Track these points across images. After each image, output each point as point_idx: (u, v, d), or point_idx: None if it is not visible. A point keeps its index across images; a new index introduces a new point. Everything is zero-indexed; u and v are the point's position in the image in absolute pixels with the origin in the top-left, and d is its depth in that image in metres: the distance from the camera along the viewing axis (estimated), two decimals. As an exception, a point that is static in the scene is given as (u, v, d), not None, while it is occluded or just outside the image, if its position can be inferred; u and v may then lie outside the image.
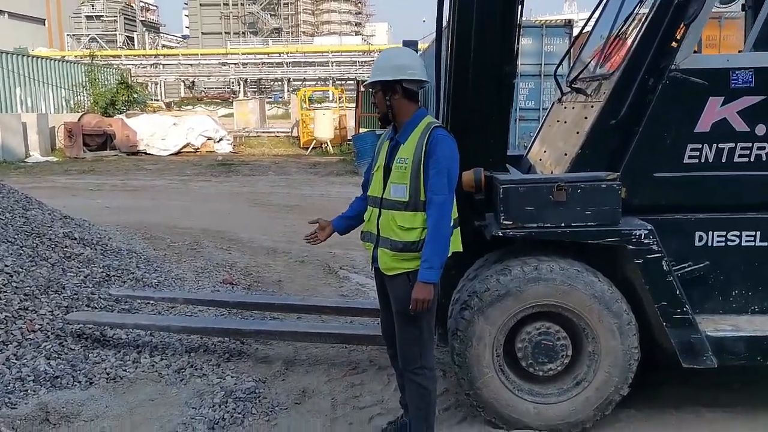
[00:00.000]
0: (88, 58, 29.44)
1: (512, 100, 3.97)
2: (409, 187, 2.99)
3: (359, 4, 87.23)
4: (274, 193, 13.39)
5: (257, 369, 4.34)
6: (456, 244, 3.13)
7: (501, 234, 3.38)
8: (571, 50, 5.71)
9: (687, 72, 3.44)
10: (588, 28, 4.83)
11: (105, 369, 4.07)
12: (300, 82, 56.66)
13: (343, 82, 51.53)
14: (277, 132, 26.88)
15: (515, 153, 5.19)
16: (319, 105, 28.56)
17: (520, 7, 3.74)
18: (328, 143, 21.70)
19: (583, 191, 3.33)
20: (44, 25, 61.47)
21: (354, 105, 22.38)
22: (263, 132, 27.12)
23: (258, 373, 4.26)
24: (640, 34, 3.58)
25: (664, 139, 3.52)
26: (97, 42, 61.33)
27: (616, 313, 3.38)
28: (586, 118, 3.88)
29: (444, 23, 4.10)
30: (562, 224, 3.36)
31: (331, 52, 58.22)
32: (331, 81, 53.89)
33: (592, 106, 3.87)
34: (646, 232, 3.33)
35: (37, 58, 24.78)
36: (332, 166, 18.28)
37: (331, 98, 40.84)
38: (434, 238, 2.93)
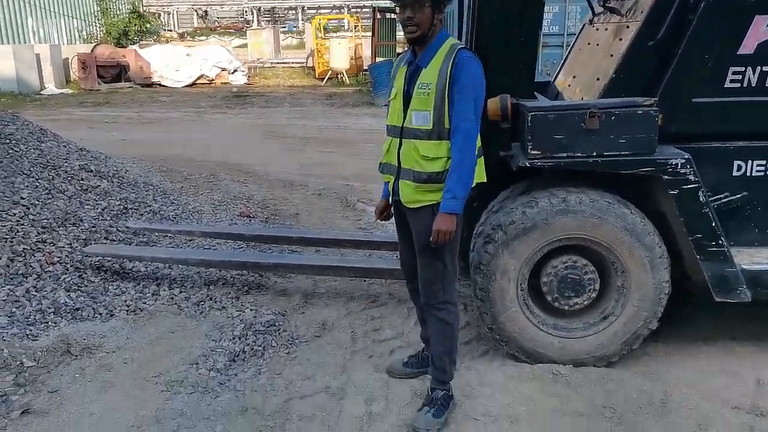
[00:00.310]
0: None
1: (541, 20, 3.73)
2: (433, 114, 2.81)
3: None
4: (290, 125, 13.19)
5: (276, 302, 4.30)
6: (480, 175, 2.98)
7: (528, 164, 3.23)
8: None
9: (732, -12, 3.18)
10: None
11: (125, 301, 4.06)
12: (314, 11, 55.25)
13: (359, 9, 50.16)
14: (292, 62, 26.36)
15: (540, 80, 4.95)
16: (334, 34, 27.87)
17: None
18: (344, 73, 21.25)
19: (617, 118, 3.14)
20: (53, -47, 59.98)
21: (370, 34, 21.75)
22: (278, 63, 26.61)
23: (277, 306, 4.23)
24: (682, -54, 3.30)
25: (705, 62, 3.29)
26: (108, -29, 59.85)
27: (647, 246, 3.25)
28: (621, 39, 3.65)
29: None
30: (594, 153, 3.19)
31: (347, -22, 56.37)
32: (346, 8, 52.45)
33: (627, 27, 3.63)
34: (683, 161, 3.16)
35: (47, -14, 24.23)
36: (348, 96, 17.95)
37: (346, 27, 39.86)
38: (459, 168, 2.77)
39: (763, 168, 3.41)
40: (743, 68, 3.28)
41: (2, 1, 20.49)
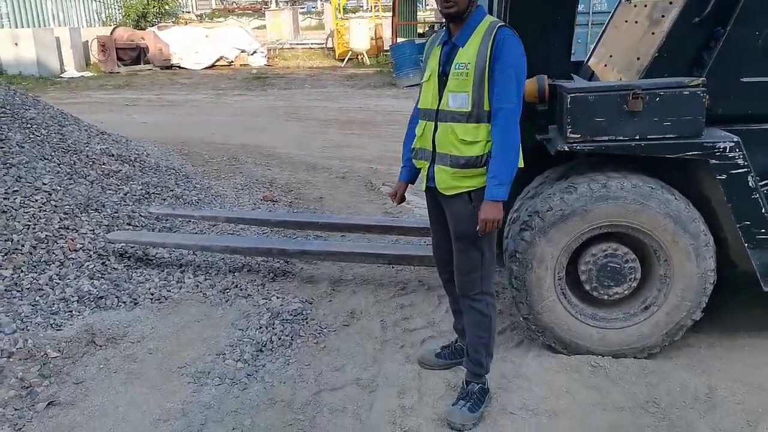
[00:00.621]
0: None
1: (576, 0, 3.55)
2: (472, 96, 2.66)
3: None
4: (311, 106, 13.06)
5: (303, 289, 4.21)
6: (519, 160, 2.85)
7: (567, 149, 3.07)
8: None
9: (787, -40, 2.98)
10: None
11: (149, 289, 3.98)
12: (333, -9, 54.83)
13: (378, -11, 49.57)
14: (311, 44, 26.12)
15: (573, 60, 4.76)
16: (353, 14, 27.57)
17: None
18: (364, 54, 21.00)
19: (662, 99, 2.98)
20: (71, -65, 60.00)
21: (390, 14, 21.44)
22: (297, 44, 26.39)
23: (304, 293, 4.14)
24: None
25: (755, 39, 3.11)
26: (126, -48, 59.79)
27: (692, 234, 3.10)
28: (663, 17, 3.46)
29: None
30: (637, 137, 3.03)
31: (365, -43, 55.79)
32: (365, -11, 51.89)
33: (670, 2, 3.44)
34: (732, 144, 2.99)
35: (66, -31, 24.18)
36: (369, 78, 17.74)
37: (365, 6, 39.44)
38: (503, 152, 2.63)
39: (815, 151, 3.22)
40: (796, 45, 3.09)
41: (22, -16, 20.51)
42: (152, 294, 3.94)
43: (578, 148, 3.08)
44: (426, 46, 2.95)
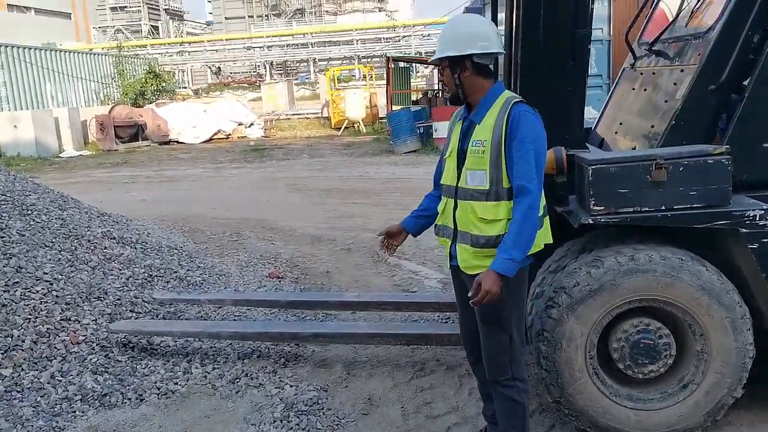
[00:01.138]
0: (115, 49, 29.39)
1: (587, 68, 3.52)
2: (490, 173, 2.59)
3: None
4: (311, 176, 13.07)
5: (317, 375, 4.02)
6: (547, 236, 2.75)
7: (592, 221, 2.97)
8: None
9: (802, 24, 2.95)
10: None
11: (155, 383, 3.78)
12: (326, 62, 56.24)
13: (369, 59, 50.88)
14: (307, 113, 26.58)
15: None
16: (346, 84, 28.12)
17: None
18: (360, 122, 21.29)
19: (686, 168, 2.89)
20: (70, 19, 61.89)
21: (384, 82, 21.84)
22: (293, 114, 26.84)
23: (318, 379, 3.94)
24: (742, -16, 3.09)
25: (775, 104, 3.05)
26: (123, 33, 61.61)
27: (727, 306, 2.95)
28: (675, 84, 3.42)
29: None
30: (663, 207, 2.93)
31: (356, 30, 57.57)
32: (356, 59, 53.30)
33: (682, 70, 3.41)
34: (762, 212, 2.88)
35: (65, 52, 24.70)
36: (366, 145, 17.88)
37: (357, 76, 40.34)
38: (520, 229, 2.53)
39: (842, 215, 3.12)
40: (816, 109, 3.03)
41: (22, 69, 20.88)
42: (158, 388, 3.74)
43: (603, 220, 2.97)
44: (450, 122, 2.90)
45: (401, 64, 22.95)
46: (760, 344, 3.16)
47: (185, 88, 40.94)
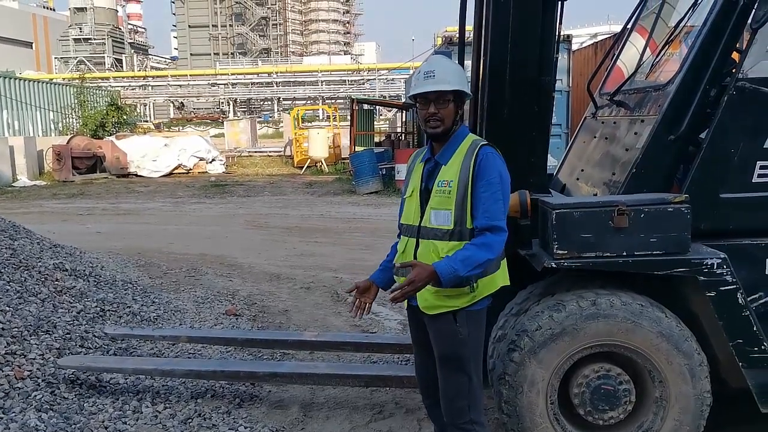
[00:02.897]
0: (77, 80, 29.04)
1: (551, 114, 3.61)
2: (455, 213, 2.60)
3: (348, 24, 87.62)
4: (272, 214, 12.97)
5: (272, 416, 3.90)
6: (504, 277, 2.75)
7: (555, 265, 2.99)
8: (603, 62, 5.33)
9: (755, 81, 3.08)
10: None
11: (102, 422, 3.61)
12: (290, 101, 56.59)
13: (333, 100, 51.39)
14: (270, 151, 26.55)
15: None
16: (309, 123, 28.27)
17: (559, 14, 3.39)
18: (323, 162, 21.34)
19: (647, 215, 2.95)
20: (32, 48, 61.13)
21: (348, 123, 22.03)
22: (255, 152, 26.79)
23: (274, 420, 3.83)
24: (700, 40, 3.22)
25: (731, 156, 3.15)
26: (85, 64, 61.05)
27: (686, 354, 2.99)
28: (636, 134, 3.51)
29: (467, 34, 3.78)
30: (624, 253, 2.97)
31: (321, 71, 58.26)
32: (321, 100, 53.79)
33: (642, 121, 3.51)
34: (719, 261, 2.95)
35: (24, 80, 24.31)
36: (329, 185, 17.89)
37: (321, 117, 40.62)
38: (476, 252, 2.51)
39: (797, 265, 3.21)
40: (771, 162, 3.14)
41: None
42: (106, 427, 3.57)
43: (566, 264, 3.00)
44: (409, 163, 2.91)
45: (365, 106, 23.20)
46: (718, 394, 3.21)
47: (147, 121, 40.55)
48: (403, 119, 23.86)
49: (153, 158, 20.93)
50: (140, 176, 20.62)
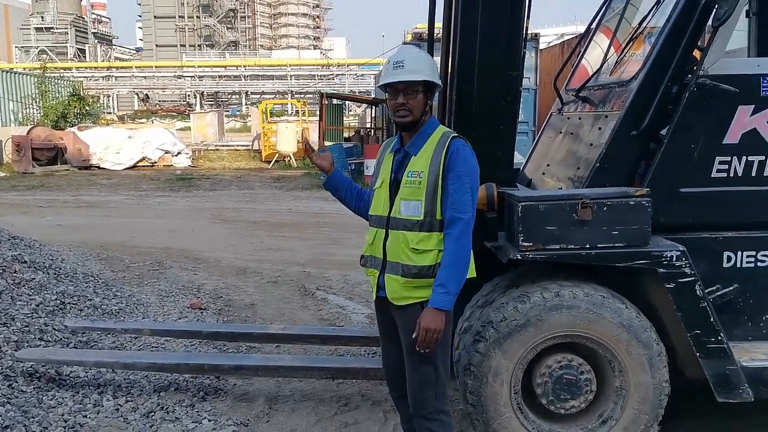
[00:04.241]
0: (38, 70, 28.33)
1: (518, 109, 3.64)
2: (425, 204, 2.61)
3: (317, 19, 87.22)
4: (239, 208, 12.85)
5: (237, 409, 3.87)
6: (471, 270, 2.77)
7: (520, 257, 3.02)
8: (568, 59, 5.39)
9: (716, 78, 3.15)
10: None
11: (62, 415, 3.54)
12: (258, 95, 56.09)
13: (302, 95, 51.13)
14: (237, 146, 26.30)
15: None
16: (278, 118, 28.07)
17: (526, 11, 3.42)
18: (291, 156, 21.22)
19: (609, 209, 3.00)
20: (-10, 35, 59.50)
21: (317, 118, 21.94)
22: (222, 145, 26.51)
23: (238, 414, 3.80)
24: (662, 38, 3.28)
25: (691, 152, 3.22)
26: (47, 54, 59.60)
27: (645, 344, 3.05)
28: (600, 129, 3.57)
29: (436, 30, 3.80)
30: (587, 245, 3.02)
31: (290, 65, 57.89)
32: (289, 94, 53.44)
33: (606, 116, 3.56)
34: (678, 253, 3.01)
35: (-18, 69, 23.66)
36: (297, 180, 17.80)
37: (290, 111, 40.37)
38: (454, 261, 2.56)
39: (752, 259, 3.31)
40: (729, 158, 3.22)
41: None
42: (66, 421, 3.50)
43: (531, 256, 3.03)
44: (378, 154, 2.91)
45: (335, 101, 23.14)
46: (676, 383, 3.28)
47: (110, 113, 39.80)
48: (373, 115, 23.85)
49: (116, 150, 20.55)
50: (103, 169, 20.24)
